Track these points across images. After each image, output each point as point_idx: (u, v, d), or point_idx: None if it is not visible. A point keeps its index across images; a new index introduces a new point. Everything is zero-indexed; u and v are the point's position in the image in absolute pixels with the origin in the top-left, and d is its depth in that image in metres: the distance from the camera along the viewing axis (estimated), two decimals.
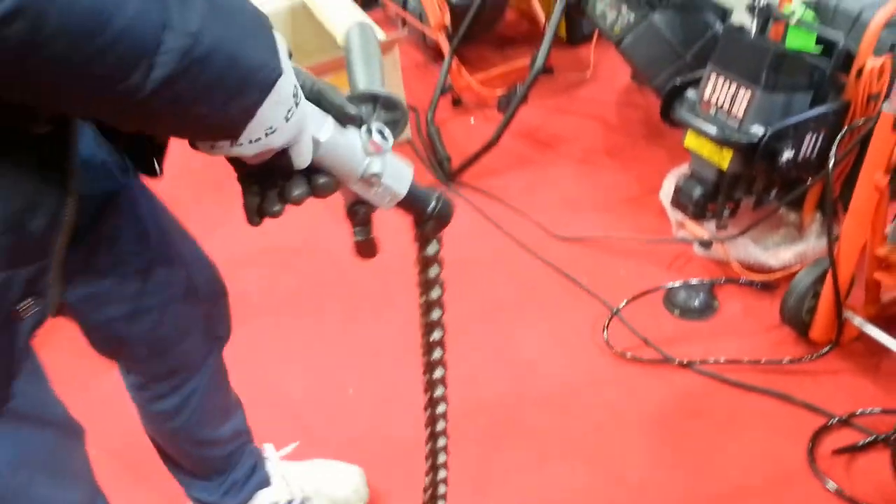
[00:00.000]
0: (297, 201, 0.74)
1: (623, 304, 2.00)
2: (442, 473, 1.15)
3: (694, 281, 2.05)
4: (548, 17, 2.76)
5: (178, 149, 0.79)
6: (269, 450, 1.57)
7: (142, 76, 0.54)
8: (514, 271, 2.17)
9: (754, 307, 1.98)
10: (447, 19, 2.83)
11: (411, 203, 0.81)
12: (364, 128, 0.74)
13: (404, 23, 3.29)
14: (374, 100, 0.78)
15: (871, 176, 1.61)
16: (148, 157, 0.90)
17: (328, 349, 2.00)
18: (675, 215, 2.15)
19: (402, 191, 0.79)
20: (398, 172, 0.78)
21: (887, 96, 1.59)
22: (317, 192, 0.74)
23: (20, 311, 0.73)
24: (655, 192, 2.24)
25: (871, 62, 1.77)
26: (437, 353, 0.99)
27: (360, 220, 0.81)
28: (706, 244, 2.10)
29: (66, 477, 0.99)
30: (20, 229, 0.67)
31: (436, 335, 0.97)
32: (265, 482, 1.51)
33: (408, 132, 2.78)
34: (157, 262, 1.14)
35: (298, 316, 2.12)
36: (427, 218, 0.83)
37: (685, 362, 1.84)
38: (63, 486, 0.98)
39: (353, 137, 0.73)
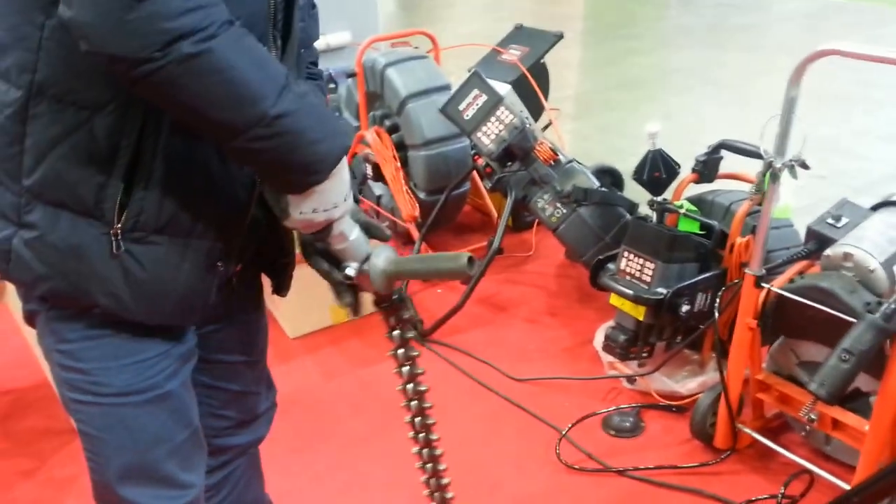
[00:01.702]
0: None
1: (569, 427, 2.32)
2: None
3: (624, 407, 2.39)
4: (499, 211, 3.16)
5: None
6: None
7: (269, 105, 0.91)
8: (481, 407, 2.48)
9: (671, 425, 2.32)
10: (417, 212, 3.24)
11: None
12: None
13: (378, 215, 3.69)
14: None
15: (744, 320, 2.04)
16: (282, 281, 1.30)
17: (322, 484, 2.19)
18: (606, 358, 2.50)
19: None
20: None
21: (749, 263, 2.07)
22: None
23: (217, 266, 1.14)
24: (589, 341, 2.62)
25: (739, 240, 2.22)
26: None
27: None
28: (631, 379, 2.46)
29: (189, 468, 1.20)
30: (228, 227, 1.12)
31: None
32: None
33: None
34: (261, 347, 1.43)
35: (296, 453, 2.30)
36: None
37: (621, 470, 2.16)
38: (186, 472, 1.19)
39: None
